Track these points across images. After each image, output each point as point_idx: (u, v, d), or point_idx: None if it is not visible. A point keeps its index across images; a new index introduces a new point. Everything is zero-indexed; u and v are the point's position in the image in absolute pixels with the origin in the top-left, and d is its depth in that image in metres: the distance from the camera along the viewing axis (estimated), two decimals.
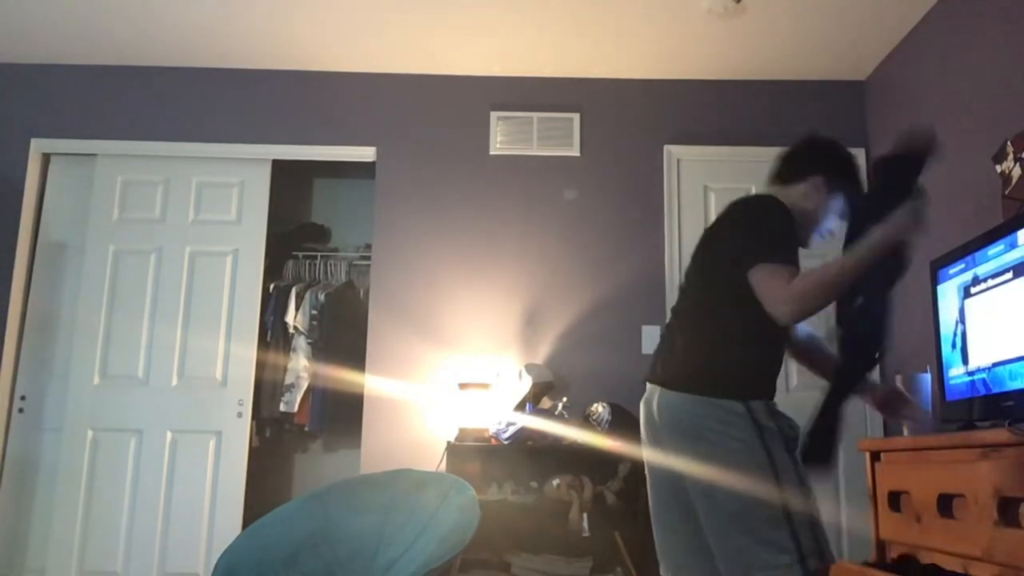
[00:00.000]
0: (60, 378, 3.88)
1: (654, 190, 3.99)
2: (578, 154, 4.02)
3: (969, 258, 2.47)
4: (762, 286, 1.81)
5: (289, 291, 4.29)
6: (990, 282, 2.35)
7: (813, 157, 2.07)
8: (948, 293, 2.58)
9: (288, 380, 4.20)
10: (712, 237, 2.03)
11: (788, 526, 1.79)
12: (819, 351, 2.25)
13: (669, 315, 2.12)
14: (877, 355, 1.90)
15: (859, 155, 3.98)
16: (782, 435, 1.85)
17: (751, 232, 1.91)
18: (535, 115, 4.04)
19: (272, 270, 4.35)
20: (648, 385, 2.04)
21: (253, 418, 3.94)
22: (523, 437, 3.43)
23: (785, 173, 2.08)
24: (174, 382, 3.84)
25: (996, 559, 1.88)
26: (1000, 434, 1.93)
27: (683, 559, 1.96)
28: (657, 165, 4.01)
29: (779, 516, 1.79)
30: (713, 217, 4.15)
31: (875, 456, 2.62)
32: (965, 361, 2.46)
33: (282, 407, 4.17)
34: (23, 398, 3.88)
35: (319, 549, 2.74)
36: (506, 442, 3.43)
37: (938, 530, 2.15)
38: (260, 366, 4.03)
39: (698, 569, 1.93)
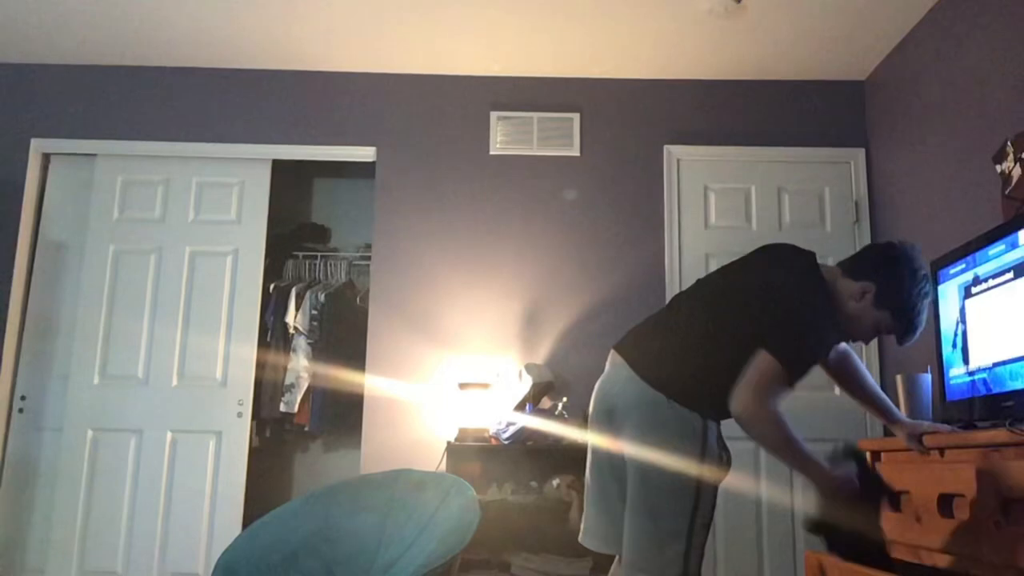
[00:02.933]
0: (60, 378, 3.88)
1: (654, 190, 3.99)
2: (578, 154, 4.02)
3: (970, 258, 2.47)
4: (753, 372, 1.88)
5: (289, 291, 4.29)
6: (991, 282, 2.35)
7: (876, 264, 2.05)
8: (949, 293, 2.58)
9: (288, 380, 4.20)
10: (754, 289, 2.01)
11: (686, 543, 1.90)
12: (852, 375, 2.25)
13: (679, 296, 2.14)
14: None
15: (858, 155, 3.99)
16: (718, 461, 1.95)
17: (792, 329, 1.94)
18: (535, 115, 4.04)
19: (272, 270, 4.35)
20: (617, 360, 2.08)
21: (253, 418, 3.94)
22: (523, 437, 3.43)
23: (851, 265, 2.09)
24: (174, 382, 3.84)
25: (996, 559, 1.88)
26: (1000, 434, 1.93)
27: (612, 532, 2.06)
28: (657, 165, 4.01)
29: (682, 531, 1.91)
30: (714, 217, 4.16)
31: (875, 456, 2.62)
32: (966, 361, 2.46)
33: (282, 407, 4.17)
34: (23, 398, 3.88)
35: (319, 549, 2.73)
36: (506, 442, 3.43)
37: (938, 530, 2.15)
38: (260, 366, 4.03)
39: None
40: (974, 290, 2.43)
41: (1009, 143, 2.77)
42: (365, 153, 4.06)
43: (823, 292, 1.99)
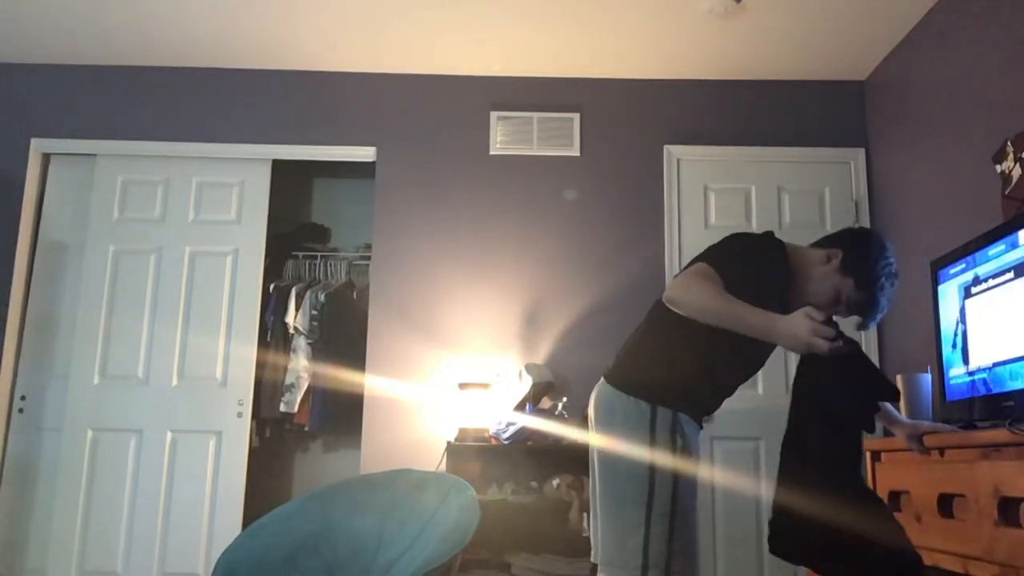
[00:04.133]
0: (60, 378, 3.88)
1: (654, 190, 3.99)
2: (578, 154, 4.02)
3: (970, 258, 2.47)
4: (685, 272, 1.94)
5: (289, 291, 4.29)
6: (991, 282, 2.35)
7: (846, 236, 2.10)
8: (949, 293, 2.59)
9: (288, 380, 4.20)
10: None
11: (644, 532, 1.90)
12: None
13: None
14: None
15: (858, 155, 3.99)
16: (670, 448, 1.94)
17: (715, 247, 2.02)
18: (535, 115, 4.04)
19: (272, 270, 4.35)
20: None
21: (253, 418, 3.94)
22: (523, 437, 3.43)
23: (820, 240, 2.13)
24: (174, 382, 3.84)
25: (996, 559, 1.88)
26: (1000, 434, 1.93)
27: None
28: (657, 165, 4.01)
29: (640, 520, 1.91)
30: (714, 217, 4.17)
31: (875, 456, 2.62)
32: (966, 361, 2.46)
33: (282, 407, 4.17)
34: (23, 398, 3.88)
35: (319, 549, 2.73)
36: (506, 442, 3.43)
37: (938, 530, 2.15)
38: (260, 366, 4.03)
39: None
40: (974, 290, 2.43)
41: (1009, 143, 2.77)
42: (365, 153, 4.06)
43: (774, 243, 2.04)
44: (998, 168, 2.83)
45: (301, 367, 4.20)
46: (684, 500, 1.92)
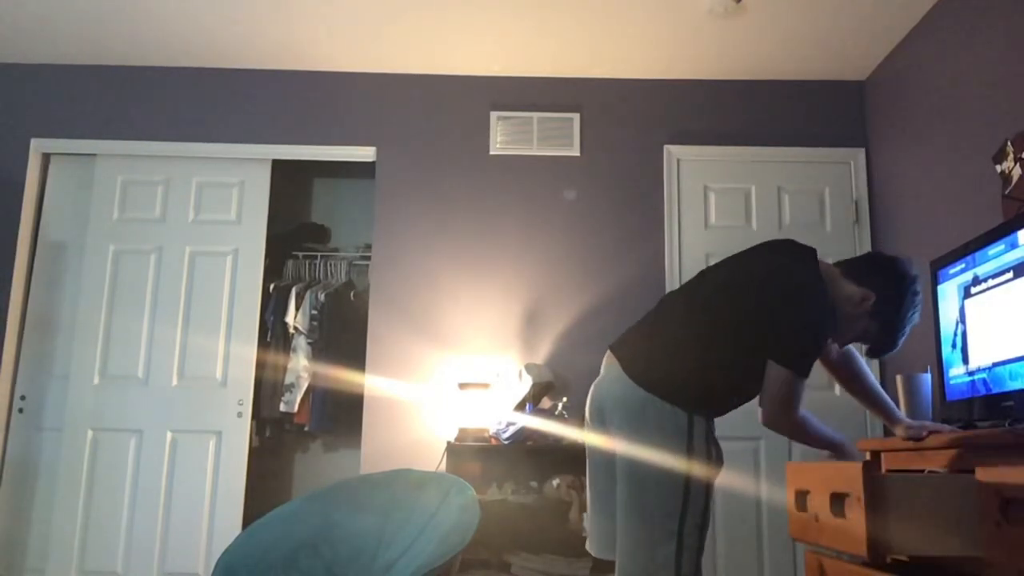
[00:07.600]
0: (60, 378, 3.88)
1: (654, 190, 3.99)
2: (578, 154, 4.02)
3: (969, 258, 2.47)
4: (773, 386, 1.95)
5: (289, 291, 4.29)
6: (990, 282, 2.35)
7: (882, 276, 2.05)
8: (948, 293, 2.59)
9: (288, 380, 4.20)
10: (751, 282, 2.01)
11: (676, 543, 1.88)
12: (856, 375, 2.25)
13: (671, 293, 2.13)
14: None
15: (858, 155, 3.99)
16: (706, 457, 1.94)
17: (792, 328, 1.94)
18: (535, 115, 4.04)
19: (272, 270, 4.35)
20: (611, 360, 2.08)
21: (253, 418, 3.94)
22: (523, 437, 3.43)
23: (854, 270, 2.07)
24: (174, 382, 3.84)
25: (996, 559, 1.88)
26: (1000, 434, 1.93)
27: (612, 536, 2.04)
28: (657, 165, 4.01)
29: (673, 531, 1.88)
30: (714, 217, 4.15)
31: (875, 456, 2.62)
32: (965, 361, 2.46)
33: (282, 407, 4.17)
34: (23, 398, 3.88)
35: (319, 549, 2.73)
36: (506, 442, 3.43)
37: None
38: (260, 366, 4.03)
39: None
40: (974, 290, 2.44)
41: (1009, 143, 2.77)
42: (365, 153, 4.06)
43: (824, 290, 1.97)
44: (998, 168, 2.83)
45: (301, 367, 4.20)
46: (711, 510, 1.93)
